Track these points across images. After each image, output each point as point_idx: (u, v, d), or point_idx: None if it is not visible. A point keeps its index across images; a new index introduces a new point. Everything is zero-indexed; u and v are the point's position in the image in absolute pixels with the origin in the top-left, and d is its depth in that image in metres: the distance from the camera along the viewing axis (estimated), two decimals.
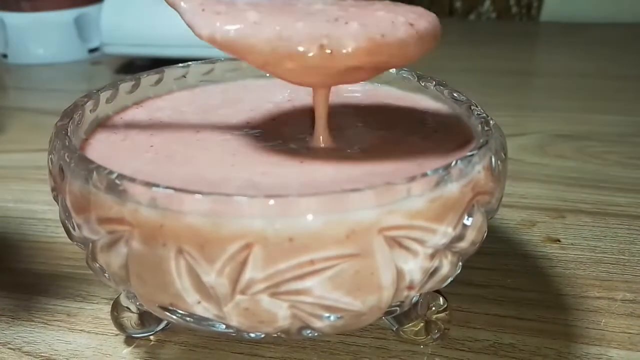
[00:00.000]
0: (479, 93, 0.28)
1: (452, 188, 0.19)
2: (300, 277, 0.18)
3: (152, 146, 0.23)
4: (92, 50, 0.71)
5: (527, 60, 0.73)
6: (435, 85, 0.27)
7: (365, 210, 0.18)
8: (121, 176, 0.18)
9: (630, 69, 0.65)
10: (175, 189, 0.17)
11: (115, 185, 0.18)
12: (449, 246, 0.20)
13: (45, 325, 0.26)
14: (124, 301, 0.25)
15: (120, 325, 0.25)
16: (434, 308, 0.25)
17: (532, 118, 0.53)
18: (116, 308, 0.25)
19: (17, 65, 0.68)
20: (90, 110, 0.25)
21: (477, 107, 0.24)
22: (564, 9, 0.86)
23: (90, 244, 0.20)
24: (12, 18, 0.68)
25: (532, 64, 0.72)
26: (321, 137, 0.23)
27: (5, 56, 0.69)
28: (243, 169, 0.21)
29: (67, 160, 0.20)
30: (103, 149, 0.23)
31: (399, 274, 0.19)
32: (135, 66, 0.66)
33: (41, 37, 0.68)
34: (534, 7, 0.87)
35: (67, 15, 0.68)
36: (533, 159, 0.43)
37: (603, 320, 0.26)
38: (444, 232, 0.19)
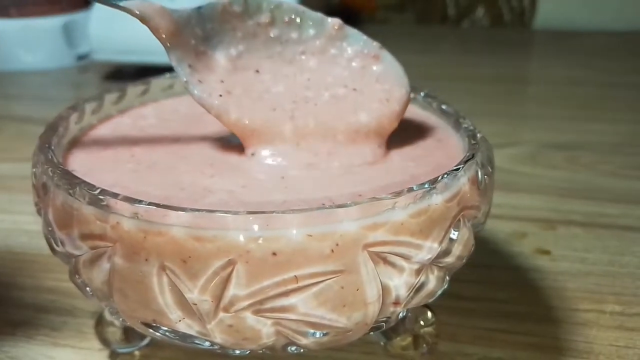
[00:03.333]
0: (470, 101, 0.28)
1: (438, 203, 0.19)
2: (285, 294, 0.17)
3: (133, 156, 0.23)
4: (80, 57, 0.70)
5: (519, 68, 0.73)
6: (424, 97, 0.27)
7: (349, 226, 0.17)
8: (104, 191, 0.18)
9: (622, 78, 0.65)
10: (158, 205, 0.17)
11: (98, 201, 0.18)
12: (435, 261, 0.19)
13: (29, 340, 0.26)
14: (108, 316, 0.25)
15: (104, 340, 0.25)
16: (422, 322, 0.25)
17: (523, 127, 0.53)
18: (101, 323, 0.25)
19: (5, 72, 0.68)
20: (75, 122, 0.25)
21: (465, 119, 0.24)
22: (556, 17, 0.86)
23: (73, 260, 0.20)
24: None
25: (524, 72, 0.72)
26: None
27: None
28: (223, 180, 0.21)
29: (50, 174, 0.20)
30: (85, 159, 0.23)
31: (385, 289, 0.19)
32: (123, 73, 0.66)
33: (29, 43, 0.68)
34: (527, 15, 0.88)
35: (55, 22, 0.68)
36: (524, 169, 0.43)
37: (592, 333, 0.26)
38: (429, 248, 0.19)
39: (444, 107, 0.26)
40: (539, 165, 0.43)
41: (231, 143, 0.24)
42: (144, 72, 0.29)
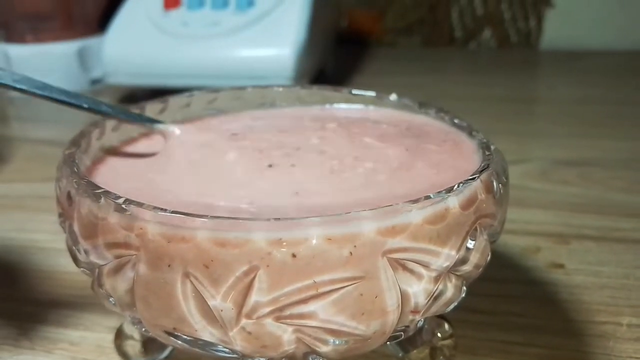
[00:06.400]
0: (478, 120, 0.28)
1: (455, 211, 0.19)
2: (304, 300, 0.18)
3: (151, 165, 0.24)
4: (94, 82, 0.72)
5: (527, 88, 0.73)
6: (436, 112, 0.27)
7: (368, 233, 0.18)
8: (128, 200, 0.18)
9: (630, 96, 0.65)
10: (182, 213, 0.18)
11: (122, 210, 0.18)
12: (452, 269, 0.20)
13: (48, 354, 0.26)
14: (127, 329, 0.25)
15: (123, 354, 0.25)
16: (439, 334, 0.25)
17: (533, 145, 0.53)
18: (120, 336, 0.25)
19: (20, 96, 0.69)
20: (97, 139, 0.25)
21: (477, 132, 0.25)
22: (562, 37, 0.87)
23: (97, 270, 0.20)
24: (16, 50, 0.69)
25: (532, 92, 0.72)
26: None
27: None
28: (243, 188, 0.21)
29: (76, 186, 0.20)
30: (103, 170, 0.24)
31: (404, 297, 0.19)
32: (136, 96, 0.66)
33: (44, 68, 0.69)
34: (534, 36, 0.88)
35: (69, 47, 0.70)
36: (536, 185, 0.43)
37: (610, 345, 0.26)
38: (447, 255, 0.19)
39: (456, 121, 0.26)
40: (550, 182, 0.44)
41: (247, 151, 0.24)
42: (157, 95, 0.29)
